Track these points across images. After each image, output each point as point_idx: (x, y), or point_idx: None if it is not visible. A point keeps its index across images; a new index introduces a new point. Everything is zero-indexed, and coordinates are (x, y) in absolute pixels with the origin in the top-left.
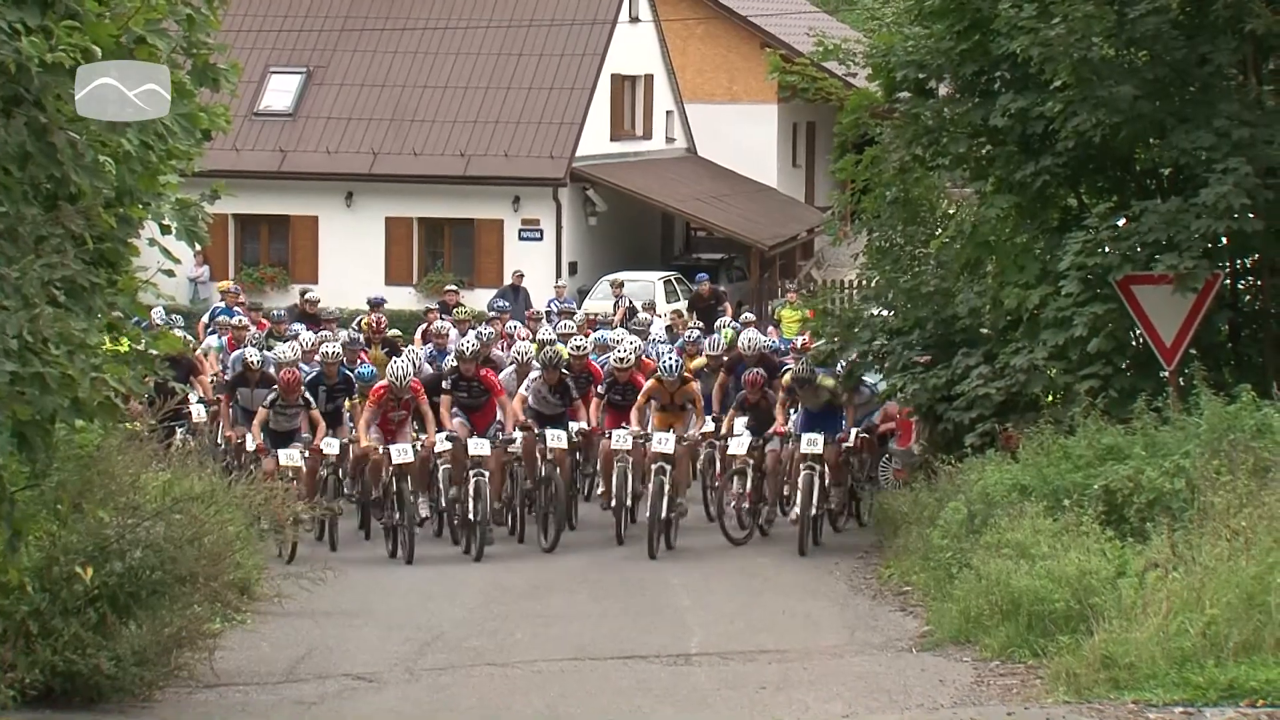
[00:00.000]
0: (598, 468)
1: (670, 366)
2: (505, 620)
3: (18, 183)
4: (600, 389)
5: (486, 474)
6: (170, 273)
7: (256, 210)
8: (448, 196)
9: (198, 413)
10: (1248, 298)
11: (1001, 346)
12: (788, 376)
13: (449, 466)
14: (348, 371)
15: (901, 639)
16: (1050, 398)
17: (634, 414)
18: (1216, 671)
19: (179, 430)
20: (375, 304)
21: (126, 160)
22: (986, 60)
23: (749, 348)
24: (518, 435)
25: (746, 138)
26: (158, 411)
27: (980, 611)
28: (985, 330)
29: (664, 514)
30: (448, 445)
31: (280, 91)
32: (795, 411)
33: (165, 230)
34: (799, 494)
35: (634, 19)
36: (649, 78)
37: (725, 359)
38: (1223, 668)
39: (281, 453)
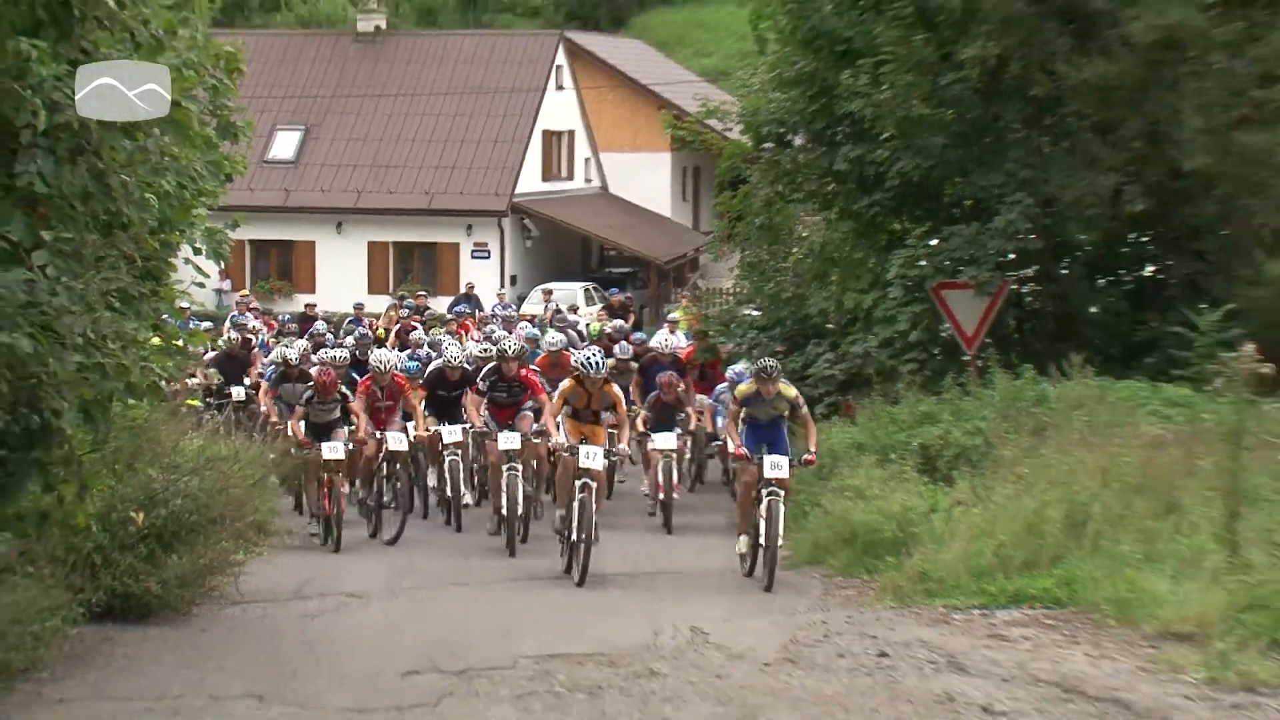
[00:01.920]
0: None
1: (595, 362)
2: (466, 558)
3: (81, 215)
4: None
5: (519, 467)
6: (200, 284)
7: (267, 236)
8: (415, 225)
9: (237, 393)
10: (1029, 299)
11: (843, 338)
12: (743, 387)
13: (455, 458)
14: (354, 375)
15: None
16: (879, 377)
17: (549, 420)
18: (1005, 583)
19: (226, 408)
20: (357, 307)
21: (166, 198)
22: (831, 118)
23: (666, 349)
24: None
25: (647, 179)
26: (216, 395)
27: (827, 540)
28: (830, 326)
29: (591, 537)
30: (458, 436)
31: (285, 144)
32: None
33: (197, 251)
34: (763, 523)
35: (560, 87)
36: (571, 132)
37: (637, 362)
38: (1010, 580)
39: (325, 446)
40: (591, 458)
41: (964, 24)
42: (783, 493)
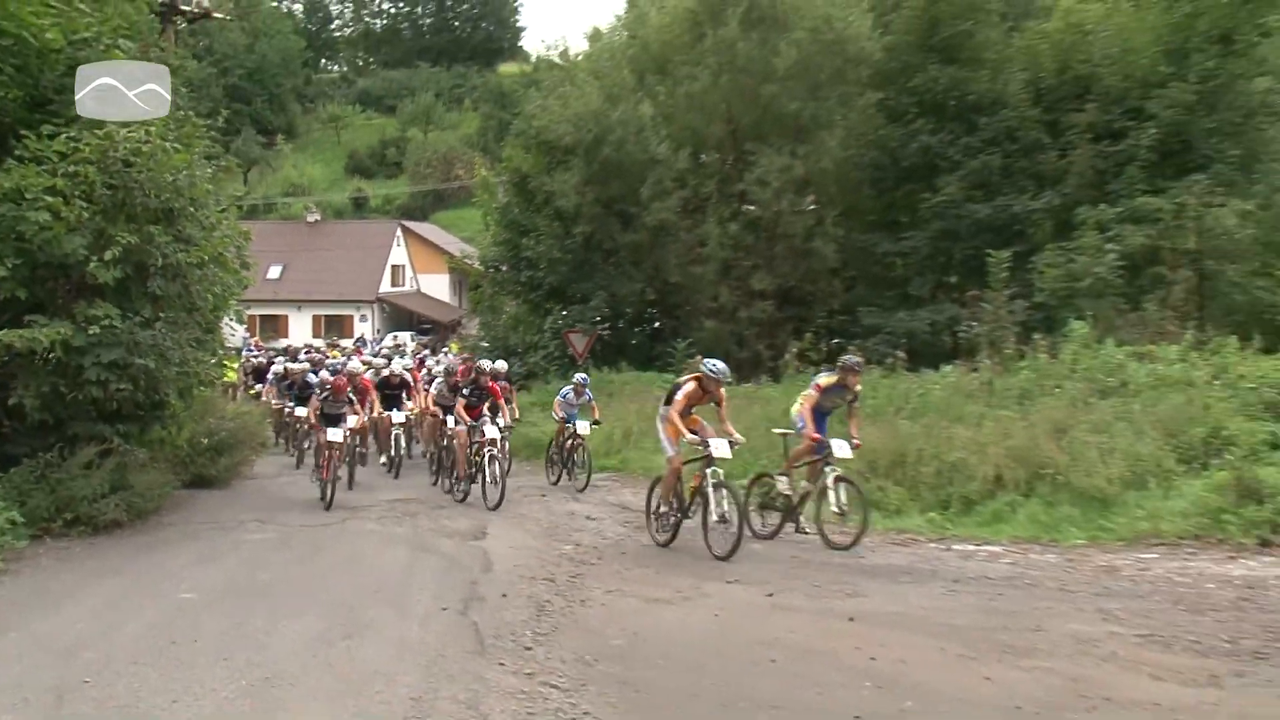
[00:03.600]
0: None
1: (719, 369)
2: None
3: (177, 304)
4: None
5: (497, 450)
6: (233, 333)
7: (265, 313)
8: (333, 307)
9: (259, 389)
10: (606, 337)
11: (526, 354)
12: (825, 379)
13: (399, 431)
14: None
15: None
16: (542, 372)
17: (677, 418)
18: (610, 460)
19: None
20: (307, 345)
21: (217, 296)
22: (519, 258)
23: (492, 368)
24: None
25: (438, 286)
26: (248, 389)
27: (537, 440)
28: (520, 349)
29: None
30: (401, 419)
31: (274, 271)
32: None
33: (231, 319)
34: (830, 494)
35: (398, 245)
36: (403, 265)
37: (475, 374)
38: (612, 458)
39: (330, 430)
40: (720, 448)
41: (575, 217)
42: (840, 469)
